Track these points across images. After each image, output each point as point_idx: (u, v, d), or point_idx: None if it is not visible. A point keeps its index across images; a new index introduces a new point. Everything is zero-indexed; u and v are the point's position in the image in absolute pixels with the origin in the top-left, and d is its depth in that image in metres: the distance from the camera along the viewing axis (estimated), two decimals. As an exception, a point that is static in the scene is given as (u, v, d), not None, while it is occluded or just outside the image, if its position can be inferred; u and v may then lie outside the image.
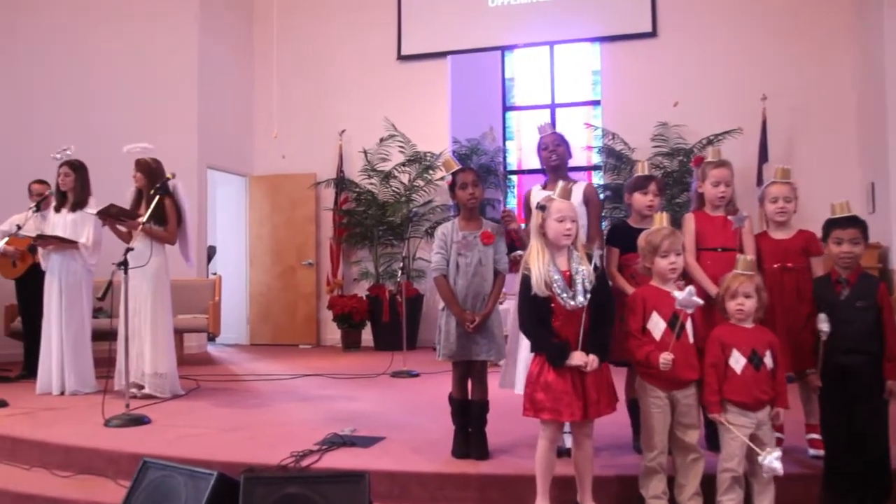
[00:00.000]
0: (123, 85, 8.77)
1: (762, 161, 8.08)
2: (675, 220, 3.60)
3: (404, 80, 9.69)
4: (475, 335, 3.71)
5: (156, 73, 8.98)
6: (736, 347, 3.12)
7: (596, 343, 2.97)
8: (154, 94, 8.92)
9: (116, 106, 8.65)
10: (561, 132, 4.02)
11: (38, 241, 5.87)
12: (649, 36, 8.90)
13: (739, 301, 3.14)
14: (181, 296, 7.29)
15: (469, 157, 9.37)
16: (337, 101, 9.94)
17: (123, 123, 8.39)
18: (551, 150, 3.93)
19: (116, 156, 5.97)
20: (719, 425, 3.14)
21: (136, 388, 5.40)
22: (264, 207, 10.11)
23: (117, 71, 8.77)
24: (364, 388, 6.03)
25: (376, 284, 9.24)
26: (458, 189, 3.80)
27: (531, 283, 2.99)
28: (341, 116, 9.86)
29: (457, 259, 3.75)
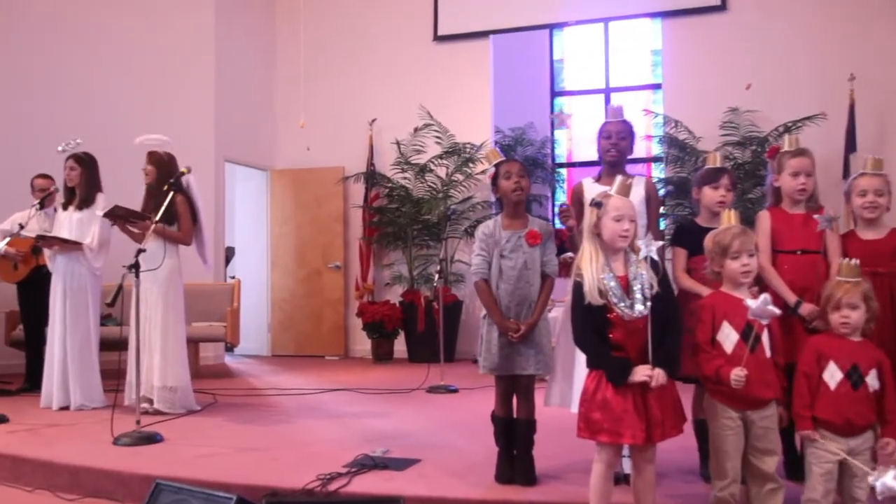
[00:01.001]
0: (133, 72, 8.93)
1: (849, 151, 7.90)
2: (747, 218, 3.52)
3: (441, 64, 9.70)
4: (521, 346, 3.67)
5: (168, 59, 9.12)
6: (834, 360, 3.04)
7: (663, 356, 2.91)
8: (167, 82, 9.06)
9: (126, 94, 8.81)
10: (630, 122, 3.95)
11: (40, 241, 5.96)
12: (717, 10, 8.77)
13: (844, 313, 3.06)
14: (196, 302, 7.38)
15: (513, 148, 9.34)
16: (367, 87, 9.98)
17: (133, 113, 8.54)
18: (614, 141, 3.86)
19: (126, 149, 6.05)
20: (806, 447, 3.06)
21: (148, 403, 5.47)
22: (287, 204, 10.19)
23: (127, 57, 8.93)
24: (397, 405, 6.02)
25: (410, 290, 9.25)
26: (501, 179, 3.76)
27: (584, 290, 2.94)
28: (372, 104, 9.90)
29: (500, 261, 3.72)
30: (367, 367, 8.69)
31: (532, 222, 3.80)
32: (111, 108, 8.65)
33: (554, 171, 9.95)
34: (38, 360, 6.36)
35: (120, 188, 5.88)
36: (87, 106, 8.57)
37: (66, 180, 6.03)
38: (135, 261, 4.68)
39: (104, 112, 8.59)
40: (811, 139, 6.51)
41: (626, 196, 3.06)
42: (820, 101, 8.07)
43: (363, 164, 9.79)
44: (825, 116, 7.95)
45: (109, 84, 8.78)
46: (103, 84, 8.76)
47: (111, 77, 8.82)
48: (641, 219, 3.75)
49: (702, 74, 8.72)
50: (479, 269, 3.77)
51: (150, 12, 9.13)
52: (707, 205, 3.80)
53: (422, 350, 8.78)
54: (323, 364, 9.12)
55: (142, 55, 9.00)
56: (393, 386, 6.96)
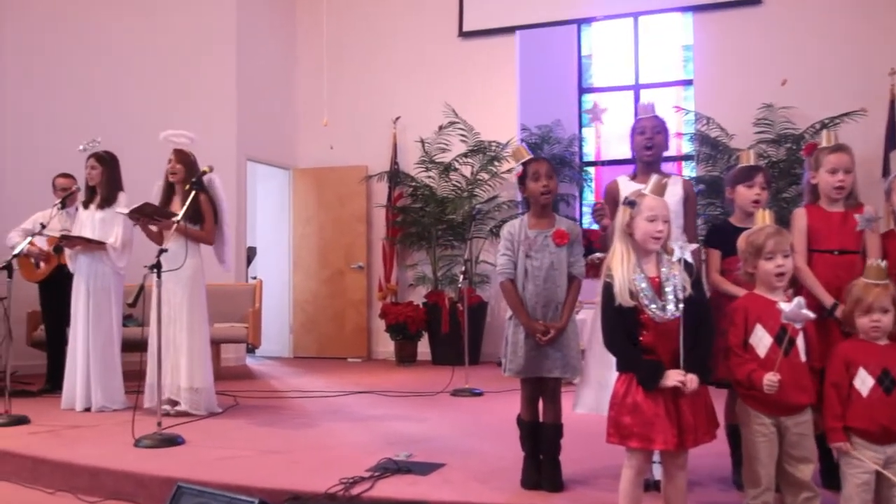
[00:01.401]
0: (154, 69, 9.01)
1: (889, 148, 7.78)
2: (781, 218, 3.49)
3: (467, 60, 9.70)
4: (547, 349, 3.66)
5: (189, 56, 9.20)
6: (863, 366, 3.00)
7: (695, 360, 2.89)
8: (188, 79, 9.13)
9: (147, 92, 8.89)
10: (662, 118, 3.93)
11: (64, 241, 6.04)
12: (751, 3, 8.70)
13: (875, 317, 3.02)
14: (217, 302, 7.42)
15: (540, 146, 9.31)
16: (391, 84, 10.00)
17: (154, 111, 8.62)
18: (649, 136, 3.83)
19: (147, 147, 6.11)
20: (842, 457, 3.02)
21: (170, 405, 5.52)
22: (310, 204, 10.24)
23: (147, 54, 9.01)
24: (421, 408, 6.03)
25: (434, 291, 9.25)
26: (528, 181, 3.76)
27: (614, 291, 2.93)
28: (396, 102, 9.92)
29: (526, 262, 3.71)
30: (391, 370, 8.71)
31: (559, 222, 3.79)
32: (132, 106, 8.73)
33: (582, 169, 9.91)
34: (59, 360, 6.43)
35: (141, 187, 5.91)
36: (108, 105, 8.67)
37: (87, 179, 6.11)
38: (156, 261, 4.72)
39: (125, 111, 8.67)
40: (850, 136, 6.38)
41: (661, 196, 3.04)
42: (859, 96, 7.95)
43: (387, 163, 9.81)
44: (865, 112, 7.82)
45: (130, 83, 8.87)
46: (124, 83, 8.84)
47: (132, 76, 8.90)
48: (678, 219, 3.73)
49: (734, 70, 8.64)
50: (504, 269, 3.77)
51: (171, 9, 9.21)
52: (741, 204, 3.77)
53: (446, 352, 8.78)
54: (345, 366, 9.15)
55: (162, 52, 9.08)
56: (416, 389, 6.96)
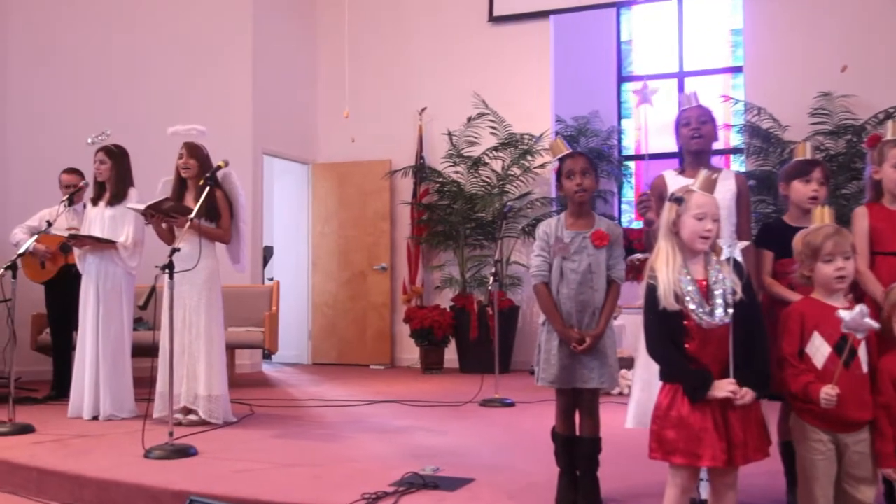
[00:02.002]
0: (165, 58, 9.09)
1: (958, 141, 7.65)
2: (841, 216, 3.44)
3: (497, 47, 9.68)
4: (583, 357, 3.64)
5: (203, 45, 9.26)
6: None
7: (750, 372, 2.85)
8: (201, 69, 9.20)
9: (158, 83, 8.97)
10: (708, 107, 3.90)
11: (72, 241, 6.08)
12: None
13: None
14: (232, 305, 7.45)
15: (576, 139, 9.28)
16: (416, 73, 10.01)
17: (165, 103, 8.71)
18: (694, 127, 3.81)
19: (158, 141, 6.15)
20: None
21: (184, 414, 5.56)
22: (330, 201, 10.27)
23: (159, 43, 9.09)
24: (448, 419, 6.02)
25: (462, 294, 9.25)
26: (563, 178, 3.74)
27: (658, 294, 2.90)
28: (422, 92, 9.93)
29: (561, 264, 3.69)
30: (415, 378, 8.72)
31: (599, 222, 3.76)
32: (141, 97, 8.82)
33: (621, 164, 9.86)
34: (65, 366, 6.50)
35: (153, 182, 5.95)
36: (116, 96, 8.76)
37: (96, 174, 6.14)
38: (168, 261, 4.74)
39: (135, 102, 8.76)
40: (914, 128, 6.32)
41: (711, 192, 3.00)
42: (926, 83, 7.86)
43: (412, 157, 9.82)
44: (932, 101, 7.72)
45: (140, 72, 8.95)
46: (133, 72, 8.93)
47: (143, 65, 8.99)
48: (731, 217, 3.69)
49: (788, 55, 8.54)
50: (538, 271, 3.75)
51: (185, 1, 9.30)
52: (797, 201, 3.73)
53: (474, 359, 8.77)
54: (367, 374, 9.17)
55: (175, 41, 9.16)
56: (443, 398, 6.96)
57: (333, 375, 8.96)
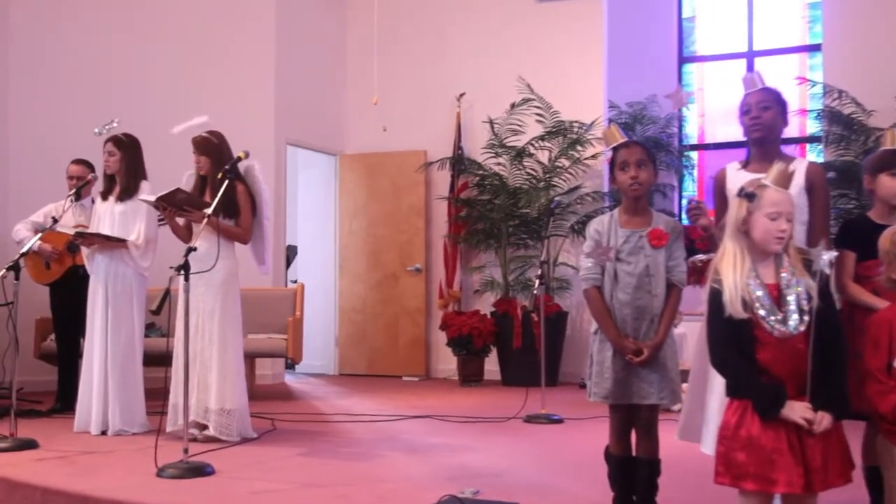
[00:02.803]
0: (181, 43, 9.15)
1: None
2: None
3: (544, 26, 9.64)
4: (640, 370, 3.62)
5: (221, 27, 9.33)
6: None
7: (828, 392, 2.80)
8: (219, 53, 9.26)
9: (172, 68, 9.04)
10: (775, 88, 3.85)
11: (79, 240, 6.14)
12: (893, -49, 8.47)
13: None
14: (252, 310, 7.51)
15: (631, 127, 9.23)
16: (454, 54, 10.01)
17: (180, 90, 8.78)
18: (754, 115, 3.78)
19: (168, 130, 6.17)
20: None
21: (198, 429, 5.59)
22: (359, 195, 10.30)
23: (173, 27, 9.17)
24: (489, 436, 6.01)
25: (505, 298, 9.22)
26: (617, 170, 3.72)
27: (723, 299, 2.86)
28: (460, 76, 9.92)
29: (615, 266, 3.68)
30: (453, 391, 8.71)
31: (657, 219, 3.74)
32: (155, 84, 8.89)
33: (682, 154, 9.78)
34: (72, 375, 6.56)
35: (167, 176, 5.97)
36: (128, 82, 8.83)
37: (105, 167, 6.18)
38: (183, 261, 4.76)
39: (147, 89, 8.83)
40: None
41: (786, 188, 2.96)
42: None
43: (449, 148, 9.81)
44: None
45: (154, 57, 9.02)
46: (146, 57, 9.00)
47: (156, 49, 9.06)
48: (801, 213, 3.64)
49: (873, 31, 8.42)
50: (589, 274, 3.73)
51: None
52: (883, 196, 3.69)
53: (518, 371, 8.75)
54: (400, 386, 9.19)
55: (190, 24, 9.23)
56: (483, 413, 6.94)
57: (362, 387, 8.98)
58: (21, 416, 5.91)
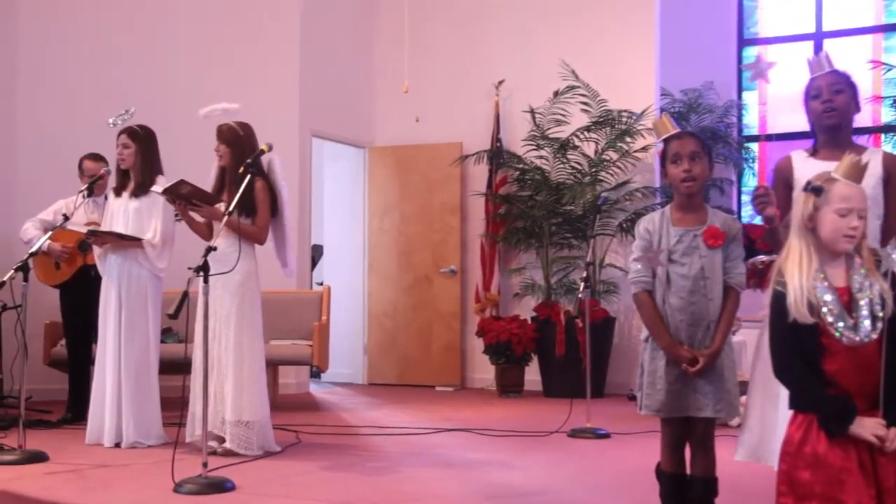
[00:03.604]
0: (199, 28, 9.22)
1: None
2: None
3: (591, 6, 9.63)
4: (696, 381, 3.61)
5: (243, 10, 9.39)
6: None
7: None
8: (241, 38, 9.32)
9: (190, 55, 9.11)
10: (845, 71, 3.82)
11: (92, 238, 6.18)
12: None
13: None
14: (275, 314, 7.55)
15: (686, 116, 9.17)
16: (493, 39, 10.01)
17: (199, 77, 8.83)
18: (826, 98, 3.75)
19: (191, 123, 6.21)
20: None
21: (217, 441, 5.64)
22: (390, 191, 10.33)
23: (191, 10, 9.22)
24: (529, 452, 6.00)
25: (547, 302, 9.21)
26: (669, 164, 3.71)
27: (788, 303, 2.85)
28: (499, 62, 9.92)
29: (668, 268, 3.66)
30: (490, 402, 8.72)
31: (713, 216, 3.72)
32: (172, 72, 8.96)
33: (741, 146, 9.71)
34: (83, 383, 6.62)
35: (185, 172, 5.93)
36: (143, 71, 8.89)
37: (119, 161, 6.21)
38: (203, 261, 4.77)
39: (164, 78, 8.90)
40: None
41: (858, 181, 2.93)
42: None
43: (487, 140, 9.82)
44: None
45: (170, 43, 9.09)
46: (163, 43, 9.06)
47: (173, 35, 9.12)
48: (877, 207, 3.61)
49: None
50: (639, 276, 3.72)
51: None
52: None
53: (561, 381, 8.74)
54: (433, 396, 9.21)
55: (208, 7, 9.29)
56: (523, 427, 6.94)
57: (393, 398, 9.01)
58: (30, 426, 5.97)
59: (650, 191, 9.18)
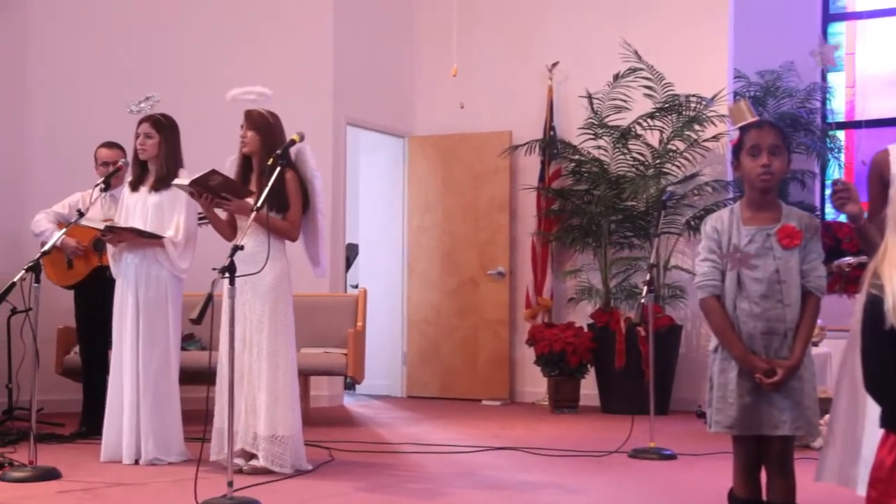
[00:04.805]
0: (223, 8, 9.30)
1: None
2: None
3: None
4: (773, 395, 3.61)
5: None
6: None
7: None
8: (267, 17, 9.40)
9: (214, 38, 9.17)
10: None
11: (108, 235, 6.18)
12: None
13: None
14: (306, 320, 7.58)
15: (762, 101, 9.13)
16: (546, 18, 10.03)
17: (224, 62, 8.90)
18: None
19: (213, 109, 6.26)
20: None
21: (243, 459, 5.68)
22: (431, 185, 10.37)
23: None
24: (586, 474, 6.00)
25: (605, 308, 9.20)
26: (744, 154, 3.71)
27: (885, 309, 2.84)
28: (552, 42, 9.93)
29: (739, 270, 3.67)
30: (542, 418, 8.73)
31: (787, 214, 3.73)
32: (195, 55, 9.04)
33: (826, 134, 9.63)
34: (99, 394, 6.68)
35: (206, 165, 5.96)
36: (165, 55, 8.95)
37: (139, 151, 6.21)
38: (229, 262, 4.80)
39: (187, 63, 8.97)
40: None
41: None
42: None
43: (539, 128, 9.83)
44: None
45: (193, 25, 9.15)
46: (185, 25, 9.13)
47: (195, 16, 9.19)
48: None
49: None
50: (706, 280, 3.73)
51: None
52: None
53: (621, 396, 8.75)
54: (479, 411, 9.23)
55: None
56: (579, 446, 6.94)
57: (435, 412, 9.05)
58: (41, 440, 6.03)
59: (721, 185, 9.14)
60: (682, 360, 9.03)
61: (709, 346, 3.79)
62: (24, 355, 6.85)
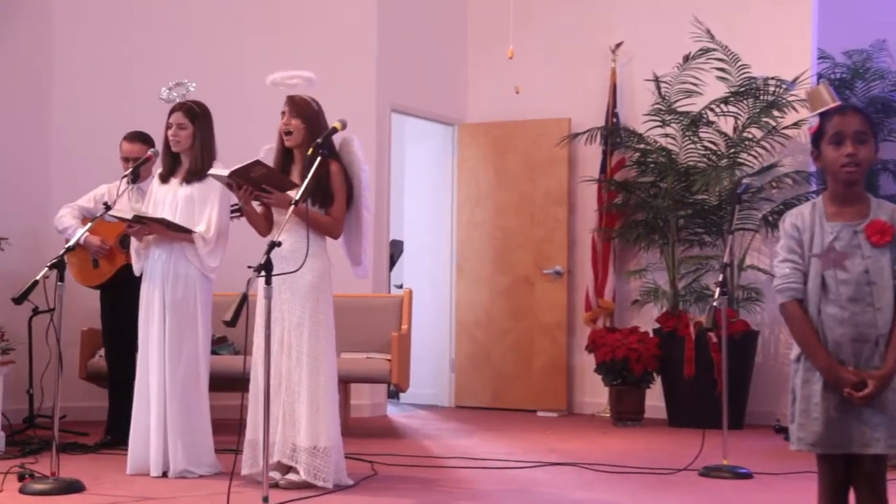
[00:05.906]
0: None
1: None
2: None
3: (729, -48, 9.55)
4: (863, 410, 3.57)
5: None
6: None
7: None
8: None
9: (249, 21, 9.22)
10: None
11: (135, 226, 6.17)
12: None
13: None
14: (347, 323, 7.59)
15: (849, 84, 9.03)
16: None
17: (260, 47, 8.94)
18: None
19: (248, 96, 6.27)
20: None
21: (279, 472, 5.70)
22: (483, 176, 10.37)
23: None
24: (652, 493, 6.00)
25: (673, 311, 9.17)
26: (825, 144, 3.67)
27: None
28: (615, 21, 9.92)
29: (823, 271, 3.63)
30: (604, 432, 8.72)
31: (877, 208, 3.68)
32: (230, 39, 9.07)
33: (921, 120, 9.54)
34: (125, 401, 6.74)
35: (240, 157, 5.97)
36: (198, 40, 9.00)
37: (171, 142, 6.24)
38: (265, 259, 4.83)
39: (223, 48, 9.01)
40: None
41: None
42: None
43: (601, 115, 9.82)
44: None
45: (232, 9, 9.18)
46: (222, 9, 9.16)
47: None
48: None
49: None
50: (787, 283, 3.69)
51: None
52: None
53: (690, 408, 8.71)
54: (534, 423, 9.24)
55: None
56: (644, 463, 6.92)
57: (486, 424, 9.06)
58: (64, 451, 6.10)
59: (803, 176, 9.07)
60: (759, 370, 8.95)
61: (790, 355, 3.75)
62: (48, 359, 6.89)
